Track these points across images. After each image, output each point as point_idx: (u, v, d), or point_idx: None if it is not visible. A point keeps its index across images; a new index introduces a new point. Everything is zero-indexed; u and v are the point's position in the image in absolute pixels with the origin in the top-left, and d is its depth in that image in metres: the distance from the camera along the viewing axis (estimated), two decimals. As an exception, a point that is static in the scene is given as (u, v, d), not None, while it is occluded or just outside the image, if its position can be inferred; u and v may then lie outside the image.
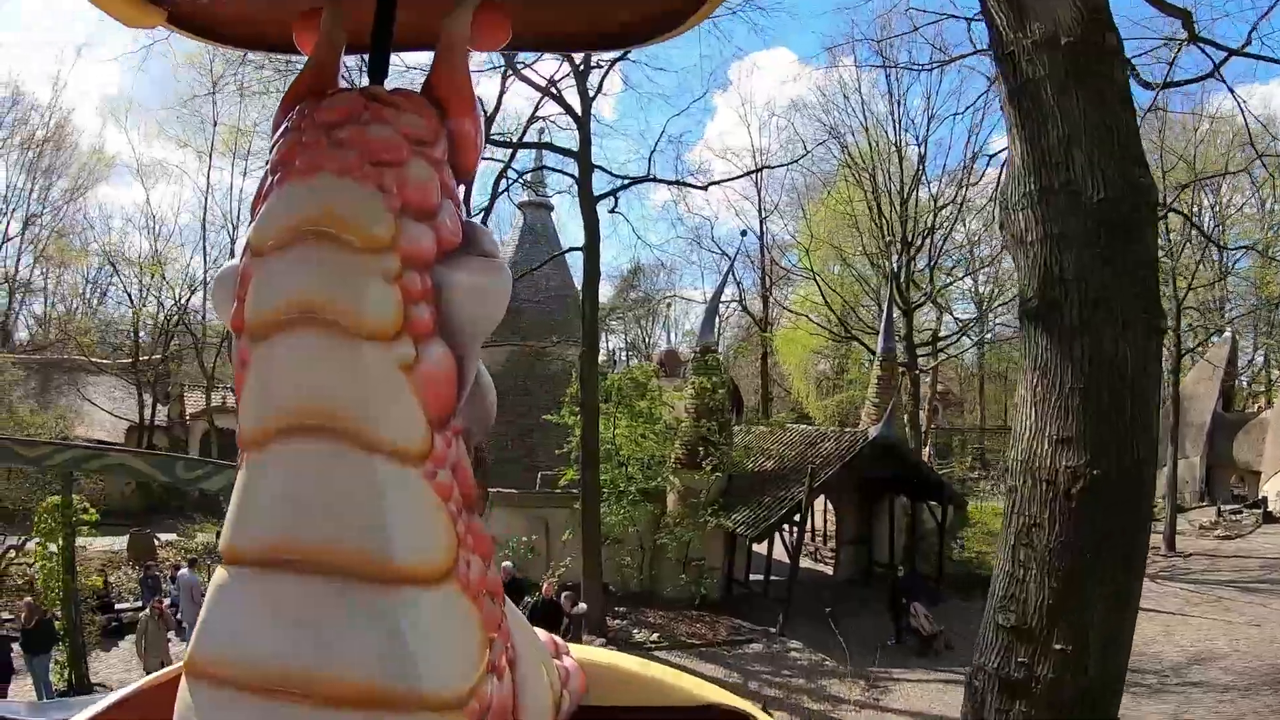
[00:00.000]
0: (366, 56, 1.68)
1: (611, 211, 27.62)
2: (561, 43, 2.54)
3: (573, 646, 2.23)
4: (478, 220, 18.60)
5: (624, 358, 70.10)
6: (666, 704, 2.22)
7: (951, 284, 47.26)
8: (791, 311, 50.01)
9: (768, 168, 37.20)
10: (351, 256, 1.31)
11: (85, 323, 48.19)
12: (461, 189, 1.54)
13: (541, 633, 1.98)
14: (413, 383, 1.34)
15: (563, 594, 19.89)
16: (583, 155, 24.96)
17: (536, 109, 33.05)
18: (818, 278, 44.08)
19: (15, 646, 17.45)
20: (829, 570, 30.08)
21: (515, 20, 1.66)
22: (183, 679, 1.33)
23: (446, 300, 1.40)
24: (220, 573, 1.36)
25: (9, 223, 50.96)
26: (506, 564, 21.98)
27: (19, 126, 51.65)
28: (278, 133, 1.48)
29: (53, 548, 18.23)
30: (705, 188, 30.13)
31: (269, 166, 1.43)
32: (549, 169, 32.32)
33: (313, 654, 1.24)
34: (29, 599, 18.63)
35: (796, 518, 24.48)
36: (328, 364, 1.30)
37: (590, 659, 2.24)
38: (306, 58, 1.64)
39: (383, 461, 1.30)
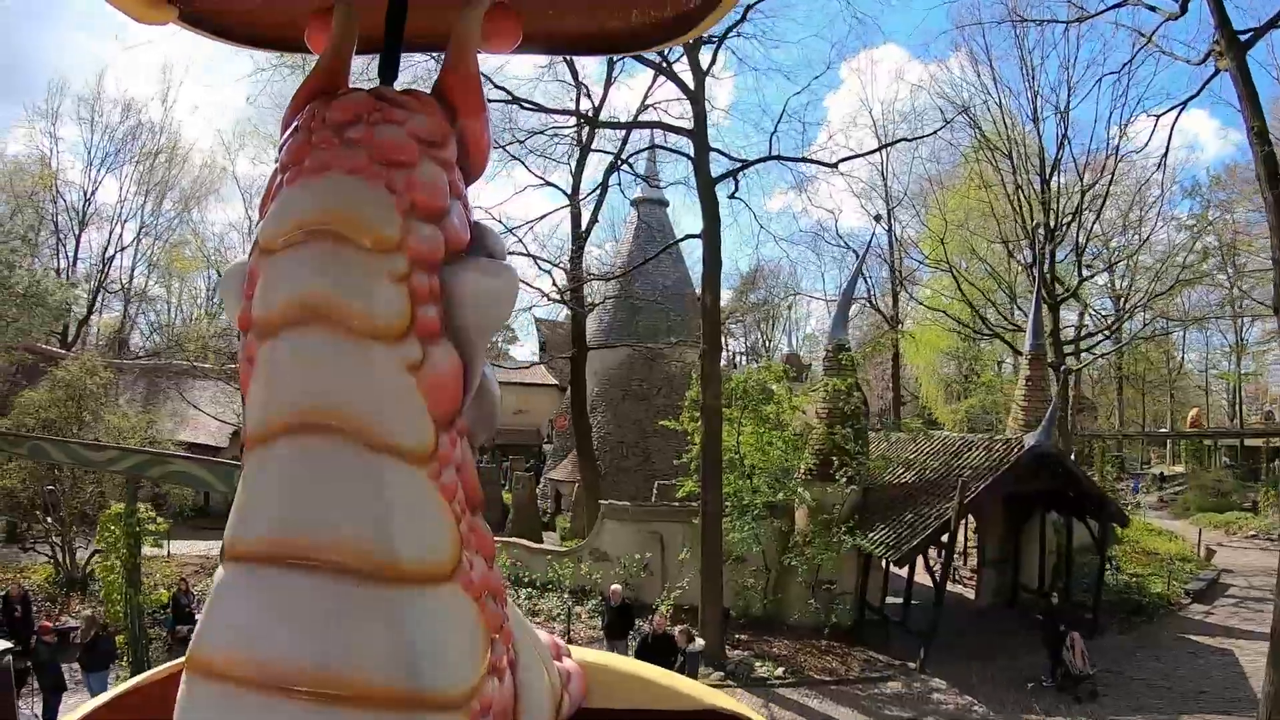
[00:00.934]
0: (378, 57, 1.73)
1: (731, 197, 25.20)
2: (573, 45, 2.30)
3: (574, 648, 2.23)
4: (589, 212, 31.39)
5: (743, 362, 68.30)
6: (667, 707, 2.21)
7: (1091, 277, 43.40)
8: (926, 307, 46.58)
9: (904, 140, 34.02)
10: (360, 256, 1.33)
11: (199, 329, 48.29)
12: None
13: (543, 634, 1.98)
14: (419, 383, 1.36)
15: (678, 628, 17.55)
16: (698, 134, 22.89)
17: (647, 95, 31.43)
18: (954, 269, 40.78)
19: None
20: (969, 593, 27.20)
21: (526, 22, 1.74)
22: (184, 675, 1.32)
23: (454, 301, 1.42)
24: (222, 570, 1.35)
25: (123, 231, 53.77)
26: (616, 586, 20.18)
27: (131, 141, 54.71)
28: (287, 132, 1.50)
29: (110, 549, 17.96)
30: (835, 165, 27.47)
31: (278, 165, 1.47)
32: (664, 148, 29.82)
33: (314, 652, 1.23)
34: (88, 612, 18.09)
35: (944, 538, 21.56)
36: (334, 363, 1.31)
37: (591, 661, 2.25)
38: (317, 57, 1.66)
39: (388, 461, 1.31)
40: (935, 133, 34.04)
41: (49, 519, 24.39)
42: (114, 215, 54.31)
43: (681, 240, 29.15)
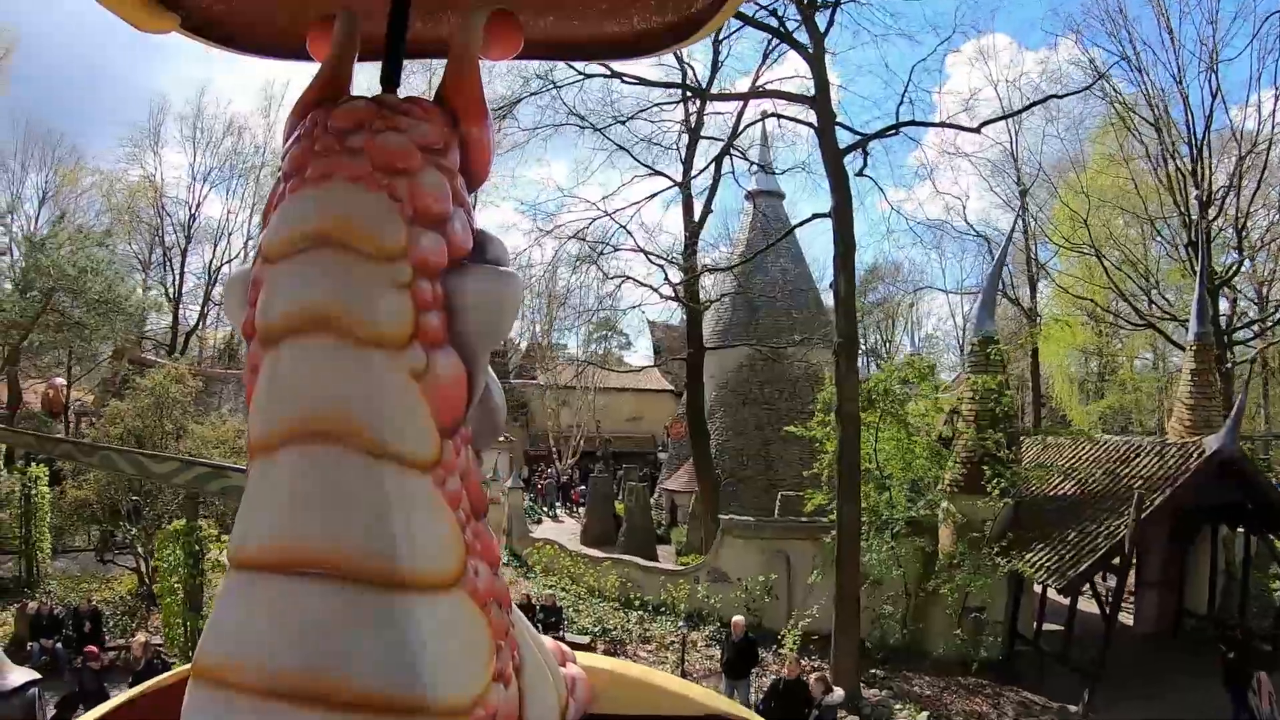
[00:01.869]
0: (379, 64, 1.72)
1: (859, 174, 22.21)
2: (574, 51, 2.38)
3: (579, 654, 2.22)
4: (702, 204, 30.20)
5: (863, 364, 65.82)
6: (672, 713, 2.21)
7: (1244, 259, 39.30)
8: (1071, 295, 42.57)
9: (1053, 97, 29.45)
10: (363, 264, 1.33)
11: None
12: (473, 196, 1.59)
13: (548, 640, 1.97)
14: (423, 390, 1.35)
15: (813, 675, 15.09)
16: (820, 101, 20.39)
17: (758, 73, 29.01)
18: (1098, 253, 37.16)
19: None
20: (1125, 618, 23.32)
21: (527, 29, 1.72)
22: (189, 681, 1.33)
23: (457, 308, 1.42)
24: (228, 576, 1.37)
25: (229, 245, 55.18)
26: (739, 618, 17.94)
27: (233, 156, 56.79)
28: (290, 140, 1.51)
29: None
30: (978, 129, 24.46)
31: (281, 173, 1.47)
32: (785, 118, 26.58)
33: (319, 660, 1.23)
34: (141, 638, 17.47)
35: (1116, 560, 18.46)
36: (338, 371, 1.31)
37: (596, 667, 2.24)
38: (319, 65, 1.65)
39: (392, 468, 1.31)
40: (1088, 88, 30.34)
41: (133, 530, 23.98)
42: (218, 229, 55.56)
43: (808, 220, 25.32)
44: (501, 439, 44.16)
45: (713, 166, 30.89)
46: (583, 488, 44.75)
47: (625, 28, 1.96)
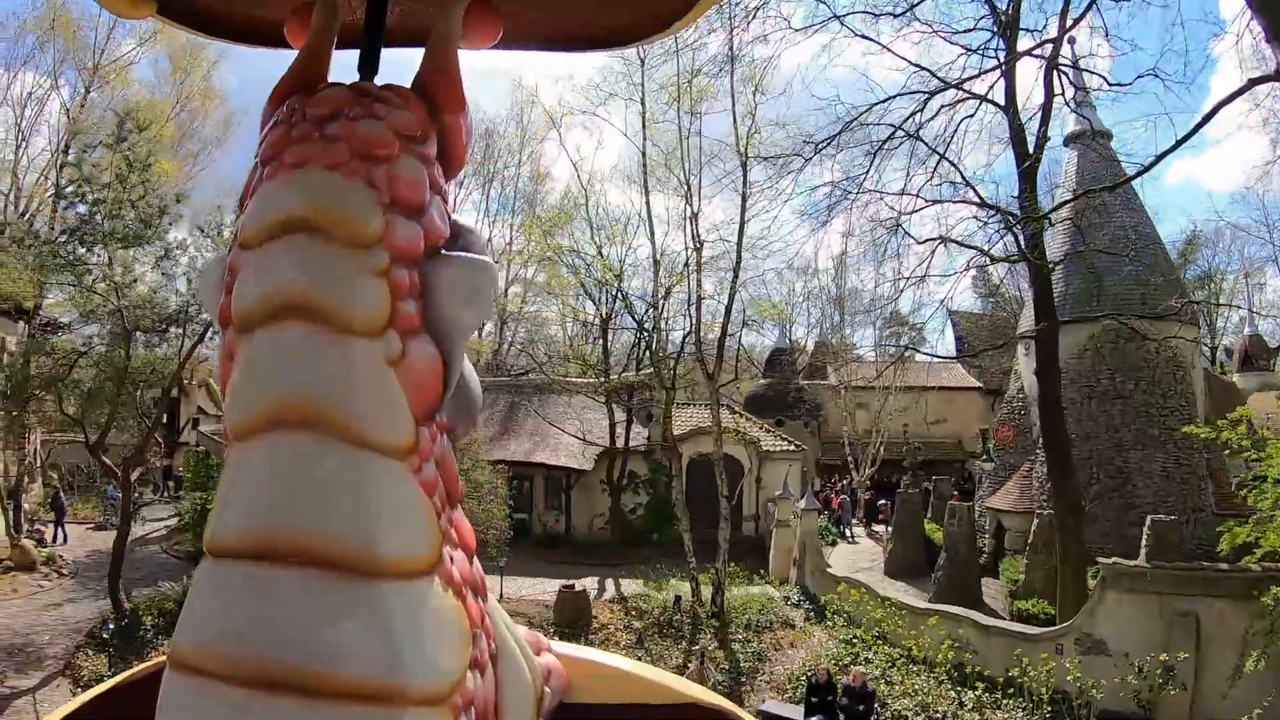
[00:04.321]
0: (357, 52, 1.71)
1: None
2: (553, 42, 2.28)
3: (555, 643, 2.20)
4: (1035, 135, 23.49)
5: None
6: (649, 701, 2.19)
7: None
8: None
9: None
10: (339, 251, 1.33)
11: (581, 348, 48.71)
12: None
13: (523, 629, 1.97)
14: (399, 377, 1.36)
15: None
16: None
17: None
18: None
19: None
20: None
21: (506, 19, 1.74)
22: (166, 670, 1.33)
23: (433, 296, 1.42)
24: (204, 564, 1.37)
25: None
26: None
27: (489, 161, 62.22)
28: (267, 126, 1.50)
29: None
30: None
31: (258, 159, 1.46)
32: None
33: (294, 647, 1.23)
34: None
35: None
36: (314, 357, 1.31)
37: (572, 656, 2.23)
38: (296, 52, 1.65)
39: (368, 455, 1.32)
40: None
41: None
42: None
43: (1243, 91, 17.32)
44: (793, 447, 39.61)
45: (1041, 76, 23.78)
46: (883, 502, 39.63)
47: (606, 20, 1.97)
